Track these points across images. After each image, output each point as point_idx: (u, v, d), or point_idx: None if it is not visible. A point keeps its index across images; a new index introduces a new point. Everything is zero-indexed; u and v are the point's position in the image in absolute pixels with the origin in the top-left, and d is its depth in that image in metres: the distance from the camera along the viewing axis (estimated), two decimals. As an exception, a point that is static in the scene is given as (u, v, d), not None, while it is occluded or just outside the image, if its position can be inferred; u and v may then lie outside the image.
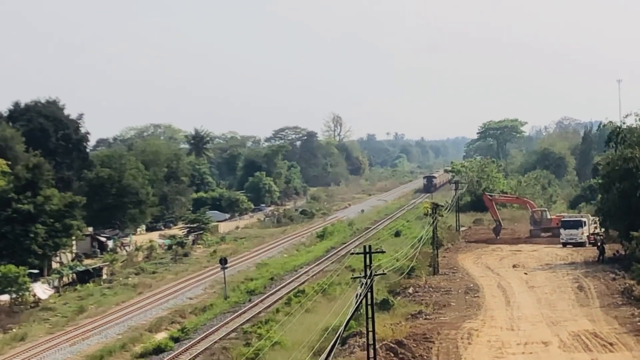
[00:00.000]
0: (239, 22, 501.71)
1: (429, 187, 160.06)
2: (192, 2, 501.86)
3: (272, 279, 68.58)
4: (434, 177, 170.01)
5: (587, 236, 73.45)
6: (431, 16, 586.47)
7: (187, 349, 46.61)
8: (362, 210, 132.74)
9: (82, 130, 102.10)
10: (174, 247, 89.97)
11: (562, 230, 75.15)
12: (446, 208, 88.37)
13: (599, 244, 65.56)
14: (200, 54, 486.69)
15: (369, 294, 31.70)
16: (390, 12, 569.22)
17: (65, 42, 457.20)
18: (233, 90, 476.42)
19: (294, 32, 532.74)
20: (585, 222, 74.56)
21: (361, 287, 31.42)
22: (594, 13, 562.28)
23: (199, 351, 45.91)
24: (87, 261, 79.41)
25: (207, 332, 49.77)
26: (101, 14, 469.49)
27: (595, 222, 73.90)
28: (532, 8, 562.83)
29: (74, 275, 71.66)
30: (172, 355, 45.48)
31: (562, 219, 78.05)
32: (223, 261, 64.50)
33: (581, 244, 72.71)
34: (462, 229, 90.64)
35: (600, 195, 71.11)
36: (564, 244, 73.97)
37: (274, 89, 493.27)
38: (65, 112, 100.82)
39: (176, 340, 48.77)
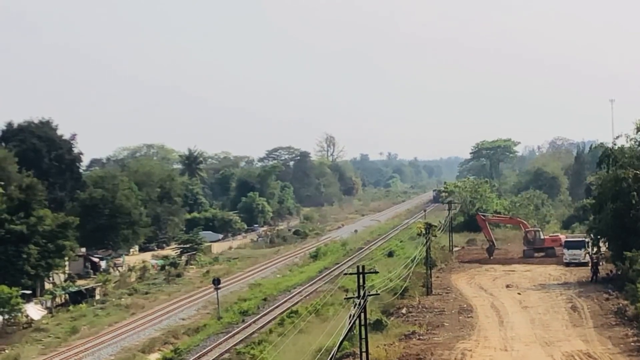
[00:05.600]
0: (232, 43, 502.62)
1: (437, 198, 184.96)
2: (187, 23, 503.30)
3: (265, 299, 68.40)
4: (441, 191, 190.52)
5: (589, 256, 73.56)
6: (424, 36, 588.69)
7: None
8: (356, 231, 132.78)
9: (75, 150, 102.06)
10: (167, 267, 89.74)
11: (565, 251, 75.44)
12: (439, 228, 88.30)
13: (593, 262, 65.66)
14: (194, 74, 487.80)
15: (362, 315, 31.68)
16: (383, 31, 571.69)
17: (58, 63, 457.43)
18: (226, 110, 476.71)
19: (286, 52, 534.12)
20: (588, 242, 74.64)
21: (354, 307, 31.40)
22: (586, 32, 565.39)
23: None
24: (79, 282, 79.13)
25: (200, 353, 49.53)
26: (95, 35, 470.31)
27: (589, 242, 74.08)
28: (524, 28, 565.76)
29: (67, 295, 71.39)
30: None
31: (566, 240, 78.42)
32: (216, 281, 64.44)
33: (584, 264, 72.74)
34: (455, 249, 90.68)
35: (592, 216, 71.22)
36: (567, 264, 74.13)
37: (267, 110, 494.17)
38: (59, 132, 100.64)
39: (169, 361, 48.61)
